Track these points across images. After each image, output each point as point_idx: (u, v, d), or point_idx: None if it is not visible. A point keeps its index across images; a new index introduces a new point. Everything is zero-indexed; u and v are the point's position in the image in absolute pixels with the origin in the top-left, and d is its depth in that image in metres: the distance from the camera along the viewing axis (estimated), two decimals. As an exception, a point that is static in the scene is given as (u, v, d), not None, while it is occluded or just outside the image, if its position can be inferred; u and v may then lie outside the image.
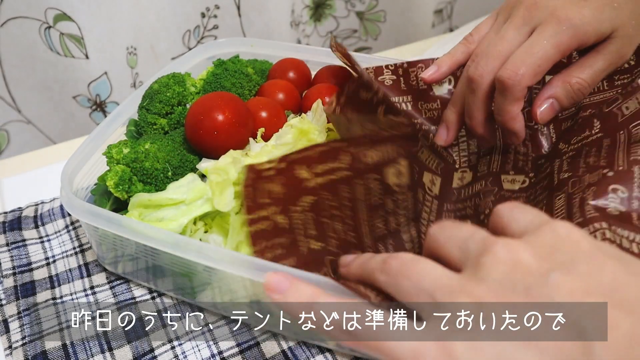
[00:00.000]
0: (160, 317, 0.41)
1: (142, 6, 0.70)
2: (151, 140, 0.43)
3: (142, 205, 0.40)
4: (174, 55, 0.77)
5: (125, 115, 0.48)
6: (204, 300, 0.41)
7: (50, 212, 0.50)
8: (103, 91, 0.70)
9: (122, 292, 0.43)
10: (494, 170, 0.48)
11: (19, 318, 0.41)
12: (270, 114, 0.46)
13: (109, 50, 0.68)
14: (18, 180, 0.55)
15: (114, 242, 0.40)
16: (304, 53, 0.56)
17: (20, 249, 0.47)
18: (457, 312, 0.22)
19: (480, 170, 0.48)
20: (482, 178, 0.48)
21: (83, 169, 0.43)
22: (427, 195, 0.47)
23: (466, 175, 0.48)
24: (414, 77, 0.48)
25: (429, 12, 0.92)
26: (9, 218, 0.49)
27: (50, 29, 0.64)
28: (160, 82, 0.48)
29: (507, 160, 0.48)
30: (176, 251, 0.36)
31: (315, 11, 0.88)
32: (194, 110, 0.44)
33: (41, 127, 0.74)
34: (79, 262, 0.46)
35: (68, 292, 0.43)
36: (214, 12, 0.76)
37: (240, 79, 0.50)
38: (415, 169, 0.39)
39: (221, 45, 0.58)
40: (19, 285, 0.44)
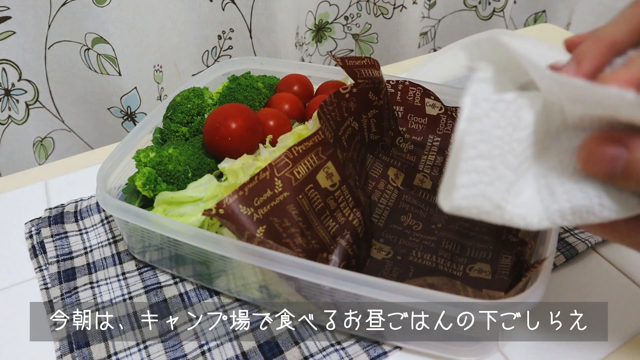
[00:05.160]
0: (182, 299, 0.41)
1: (166, 30, 0.70)
2: (174, 145, 0.43)
3: (165, 202, 0.40)
4: (194, 72, 0.77)
5: (151, 124, 0.48)
6: (220, 285, 0.40)
7: (88, 208, 0.50)
8: (133, 103, 0.70)
9: (149, 278, 0.43)
10: None
11: (62, 299, 0.41)
12: (278, 122, 0.46)
13: (138, 68, 0.68)
14: (61, 181, 0.55)
15: (142, 234, 0.40)
16: (307, 70, 0.56)
17: (62, 240, 0.46)
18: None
19: (439, 186, 0.48)
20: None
21: (115, 170, 0.43)
22: (390, 185, 0.47)
23: (426, 181, 0.48)
24: (411, 95, 0.48)
25: (416, 34, 0.92)
26: (54, 213, 0.49)
27: (89, 50, 0.64)
28: (182, 95, 0.48)
29: None
30: (195, 242, 0.35)
31: (316, 33, 0.87)
32: (211, 119, 0.43)
33: (81, 134, 0.74)
34: (112, 251, 0.45)
35: (103, 277, 0.43)
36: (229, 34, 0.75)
37: (252, 93, 0.50)
38: (341, 164, 0.39)
39: (235, 63, 0.58)
40: (61, 271, 0.43)
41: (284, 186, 0.35)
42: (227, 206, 0.33)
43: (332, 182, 0.38)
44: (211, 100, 0.49)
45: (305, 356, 0.36)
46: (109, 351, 0.37)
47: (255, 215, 0.34)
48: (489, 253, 0.42)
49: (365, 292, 0.31)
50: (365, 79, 0.42)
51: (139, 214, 0.37)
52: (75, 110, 0.71)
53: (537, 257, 0.35)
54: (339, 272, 0.32)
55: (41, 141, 0.71)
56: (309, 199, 0.36)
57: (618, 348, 0.36)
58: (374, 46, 0.92)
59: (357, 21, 0.89)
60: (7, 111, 0.64)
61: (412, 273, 0.41)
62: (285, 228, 0.35)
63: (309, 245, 0.36)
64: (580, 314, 0.37)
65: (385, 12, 0.87)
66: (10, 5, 0.60)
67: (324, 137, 0.38)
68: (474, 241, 0.43)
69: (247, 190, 0.34)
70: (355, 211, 0.39)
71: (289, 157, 0.36)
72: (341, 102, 0.40)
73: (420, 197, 0.47)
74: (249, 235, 0.33)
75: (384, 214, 0.46)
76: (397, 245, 0.43)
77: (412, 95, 0.48)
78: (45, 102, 0.69)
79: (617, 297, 0.39)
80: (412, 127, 0.49)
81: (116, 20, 0.62)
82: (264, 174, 0.35)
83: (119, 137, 0.71)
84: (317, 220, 0.37)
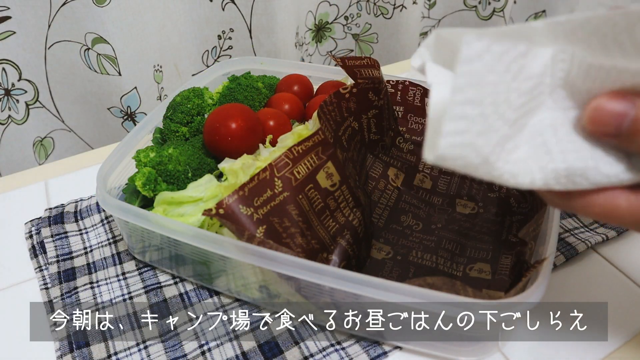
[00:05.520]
0: (182, 299, 0.41)
1: (166, 30, 0.70)
2: (174, 145, 0.43)
3: (165, 202, 0.40)
4: (194, 72, 0.77)
5: (151, 124, 0.48)
6: (220, 285, 0.40)
7: (88, 208, 0.50)
8: (133, 103, 0.70)
9: (149, 278, 0.43)
10: (452, 192, 0.48)
11: (62, 299, 0.41)
12: (278, 122, 0.46)
13: (138, 68, 0.68)
14: (61, 181, 0.55)
15: (142, 234, 0.40)
16: (307, 70, 0.56)
17: (62, 239, 0.46)
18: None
19: (439, 187, 0.48)
20: (440, 195, 0.48)
21: (115, 170, 0.43)
22: (390, 185, 0.47)
23: (426, 181, 0.48)
24: (411, 95, 0.48)
25: (415, 34, 0.91)
26: (54, 213, 0.49)
27: (89, 50, 0.64)
28: (182, 95, 0.48)
29: (463, 186, 0.48)
30: (195, 242, 0.35)
31: (316, 33, 0.87)
32: (211, 119, 0.43)
33: (81, 134, 0.74)
34: (112, 251, 0.45)
35: (103, 277, 0.43)
36: (229, 34, 0.75)
37: (252, 93, 0.50)
38: (341, 164, 0.39)
39: (235, 63, 0.58)
40: (61, 271, 0.43)
41: (284, 186, 0.35)
42: (227, 206, 0.33)
43: (332, 182, 0.38)
44: (211, 100, 0.49)
45: (305, 356, 0.36)
46: (109, 351, 0.37)
47: (255, 215, 0.34)
48: (489, 253, 0.42)
49: (365, 292, 0.31)
50: (365, 79, 0.42)
51: (139, 214, 0.37)
52: (75, 110, 0.71)
53: (537, 257, 0.35)
54: (339, 272, 0.32)
55: (41, 141, 0.71)
56: (309, 199, 0.36)
57: (618, 348, 0.36)
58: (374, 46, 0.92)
59: (357, 21, 0.89)
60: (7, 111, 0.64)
61: (412, 273, 0.41)
62: (285, 228, 0.35)
63: (309, 245, 0.36)
64: (580, 314, 0.37)
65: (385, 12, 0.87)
66: (10, 5, 0.60)
67: (324, 137, 0.38)
68: (474, 241, 0.43)
69: (247, 190, 0.34)
70: (355, 211, 0.39)
71: (289, 157, 0.36)
72: (341, 102, 0.40)
73: (420, 197, 0.47)
74: (249, 235, 0.33)
75: (384, 214, 0.46)
76: (397, 245, 0.43)
77: (412, 95, 0.48)
78: (45, 102, 0.69)
79: (617, 297, 0.39)
80: (412, 127, 0.49)
81: (116, 20, 0.62)
82: (264, 174, 0.35)
83: (119, 137, 0.71)
84: (317, 220, 0.37)
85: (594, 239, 0.43)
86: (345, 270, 0.32)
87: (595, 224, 0.45)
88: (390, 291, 0.31)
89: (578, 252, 0.42)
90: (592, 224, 0.45)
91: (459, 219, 0.45)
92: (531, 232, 0.37)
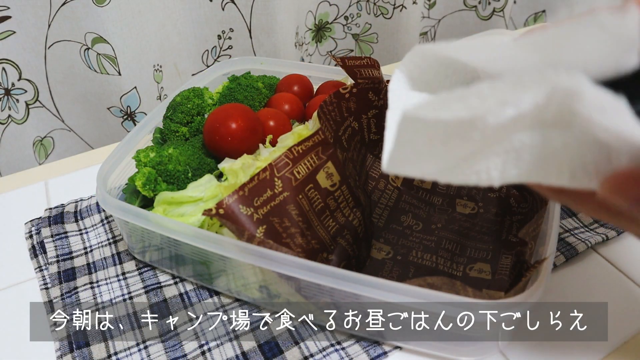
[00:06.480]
0: (182, 299, 0.41)
1: (166, 30, 0.70)
2: (174, 145, 0.43)
3: (165, 202, 0.40)
4: (194, 72, 0.77)
5: (151, 124, 0.48)
6: (220, 285, 0.40)
7: (88, 208, 0.50)
8: (133, 103, 0.70)
9: (149, 278, 0.43)
10: (452, 193, 0.48)
11: (62, 299, 0.41)
12: (278, 122, 0.46)
13: (138, 68, 0.68)
14: (61, 180, 0.55)
15: (142, 234, 0.40)
16: (307, 70, 0.56)
17: (62, 240, 0.46)
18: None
19: (439, 187, 0.48)
20: (440, 195, 0.48)
21: (115, 170, 0.43)
22: (390, 185, 0.47)
23: (426, 181, 0.48)
24: None
25: (415, 34, 0.91)
26: (54, 213, 0.49)
27: (89, 50, 0.64)
28: (182, 95, 0.48)
29: (463, 186, 0.48)
30: (195, 242, 0.35)
31: (316, 33, 0.87)
32: (211, 119, 0.43)
33: (81, 134, 0.74)
34: (112, 251, 0.45)
35: (103, 277, 0.43)
36: (229, 34, 0.75)
37: (252, 93, 0.50)
38: (341, 164, 0.39)
39: (235, 63, 0.58)
40: (61, 271, 0.43)
41: (284, 186, 0.35)
42: (227, 206, 0.33)
43: (332, 182, 0.38)
44: (211, 100, 0.49)
45: (305, 356, 0.36)
46: (109, 351, 0.37)
47: (255, 215, 0.34)
48: (489, 253, 0.42)
49: (365, 292, 0.31)
50: (365, 79, 0.42)
51: (139, 214, 0.37)
52: (75, 110, 0.71)
53: (537, 257, 0.35)
54: (339, 272, 0.32)
55: (41, 141, 0.71)
56: (309, 199, 0.36)
57: (618, 348, 0.36)
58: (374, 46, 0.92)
59: (357, 21, 0.89)
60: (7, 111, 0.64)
61: (412, 273, 0.41)
62: (285, 228, 0.35)
63: (309, 245, 0.36)
64: (580, 314, 0.37)
65: (385, 12, 0.87)
66: (10, 5, 0.60)
67: (324, 137, 0.38)
68: (474, 241, 0.43)
69: (247, 190, 0.34)
70: (355, 211, 0.39)
71: (289, 157, 0.36)
72: (341, 102, 0.40)
73: (420, 197, 0.47)
74: (249, 235, 0.33)
75: (384, 214, 0.46)
76: (397, 245, 0.43)
77: None
78: (45, 102, 0.69)
79: (617, 297, 0.39)
80: None
81: (116, 20, 0.62)
82: (264, 174, 0.35)
83: (119, 137, 0.71)
84: (317, 220, 0.37)
85: (594, 239, 0.43)
86: (345, 270, 0.32)
87: (595, 224, 0.45)
88: (390, 291, 0.30)
89: (578, 252, 0.42)
90: (592, 224, 0.45)
91: (459, 219, 0.45)
92: (531, 232, 0.37)
